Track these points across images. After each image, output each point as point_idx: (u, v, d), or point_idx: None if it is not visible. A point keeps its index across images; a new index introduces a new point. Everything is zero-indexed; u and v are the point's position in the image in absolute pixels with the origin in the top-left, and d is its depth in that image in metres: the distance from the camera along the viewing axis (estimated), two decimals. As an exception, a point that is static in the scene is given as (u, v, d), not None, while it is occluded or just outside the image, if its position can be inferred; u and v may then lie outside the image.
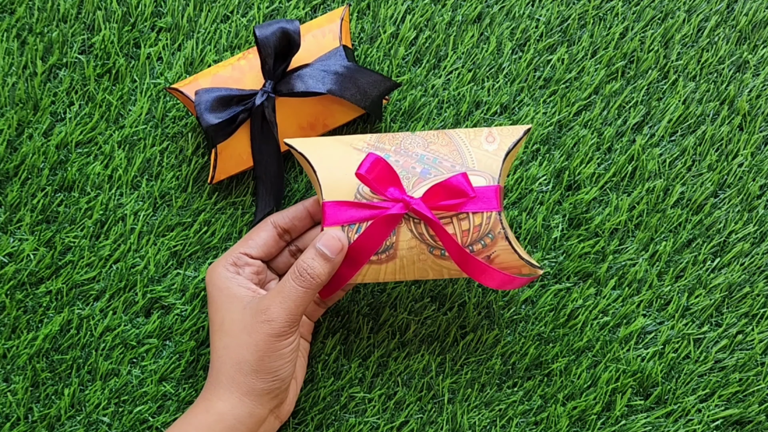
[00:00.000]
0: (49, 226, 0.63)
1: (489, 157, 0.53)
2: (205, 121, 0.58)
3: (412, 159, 0.53)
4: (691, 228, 0.63)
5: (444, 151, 0.54)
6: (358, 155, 0.54)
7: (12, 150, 0.64)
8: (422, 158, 0.53)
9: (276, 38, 0.57)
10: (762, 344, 0.62)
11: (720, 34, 0.65)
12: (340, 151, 0.54)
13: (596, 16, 0.65)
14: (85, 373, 0.62)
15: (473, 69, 0.65)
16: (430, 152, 0.54)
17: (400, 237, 0.53)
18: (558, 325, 0.63)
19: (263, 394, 0.54)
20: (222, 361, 0.55)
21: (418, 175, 0.53)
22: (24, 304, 0.63)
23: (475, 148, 0.54)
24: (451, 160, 0.53)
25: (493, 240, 0.53)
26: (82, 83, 0.64)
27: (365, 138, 0.55)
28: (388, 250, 0.53)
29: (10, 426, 0.62)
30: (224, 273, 0.56)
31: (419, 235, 0.53)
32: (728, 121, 0.64)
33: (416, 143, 0.54)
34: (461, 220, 0.53)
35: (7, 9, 0.65)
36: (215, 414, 0.54)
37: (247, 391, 0.54)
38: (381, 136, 0.55)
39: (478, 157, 0.53)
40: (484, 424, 0.62)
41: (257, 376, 0.53)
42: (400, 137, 0.55)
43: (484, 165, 0.53)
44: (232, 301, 0.55)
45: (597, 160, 0.64)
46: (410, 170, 0.53)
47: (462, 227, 0.53)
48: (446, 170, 0.53)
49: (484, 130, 0.55)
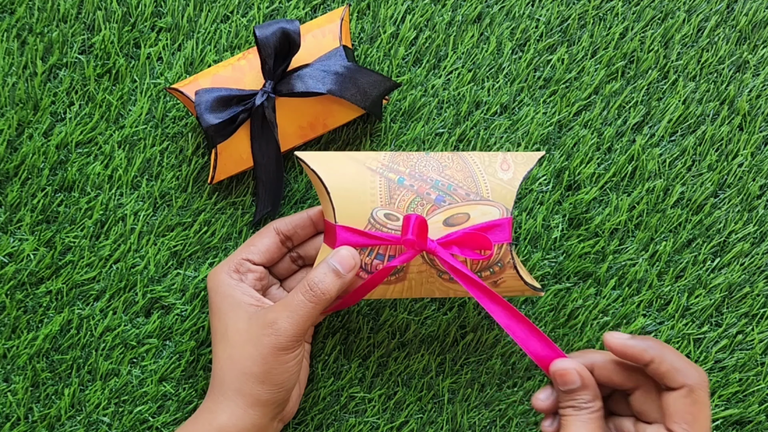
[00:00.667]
0: (49, 226, 0.63)
1: (503, 187, 0.53)
2: (205, 121, 0.58)
3: (427, 184, 0.53)
4: (691, 228, 0.63)
5: (459, 177, 0.53)
6: (371, 176, 0.53)
7: (12, 150, 0.64)
8: (437, 184, 0.53)
9: (276, 38, 0.57)
10: (762, 344, 0.62)
11: (720, 34, 0.65)
12: (354, 170, 0.53)
13: (596, 16, 0.65)
14: (85, 373, 0.62)
15: (473, 69, 0.65)
16: (445, 177, 0.53)
17: (411, 262, 0.53)
18: (558, 325, 0.63)
19: (268, 405, 0.54)
20: (225, 372, 0.54)
21: (432, 202, 0.53)
22: (24, 304, 0.63)
23: (490, 176, 0.54)
24: (465, 188, 0.53)
25: (501, 268, 0.54)
26: (82, 83, 0.64)
27: (379, 157, 0.54)
28: (398, 272, 0.54)
29: (11, 426, 0.62)
30: (227, 280, 0.56)
31: (430, 261, 0.53)
32: (728, 121, 0.64)
33: (431, 167, 0.54)
34: None
35: (7, 9, 0.65)
36: (217, 427, 0.54)
37: (253, 402, 0.53)
38: (395, 155, 0.54)
39: (493, 186, 0.53)
40: (484, 424, 0.62)
41: (263, 388, 0.53)
42: (415, 158, 0.54)
43: (498, 195, 0.53)
44: (236, 311, 0.55)
45: (597, 160, 0.64)
46: (425, 196, 0.53)
47: None
48: (461, 198, 0.53)
49: (499, 156, 0.54)
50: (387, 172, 0.53)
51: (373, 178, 0.53)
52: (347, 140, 0.64)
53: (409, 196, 0.53)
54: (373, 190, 0.53)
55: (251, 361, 0.53)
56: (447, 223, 0.53)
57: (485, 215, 0.53)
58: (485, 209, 0.53)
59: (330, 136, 0.64)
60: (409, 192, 0.53)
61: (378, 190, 0.53)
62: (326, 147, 0.64)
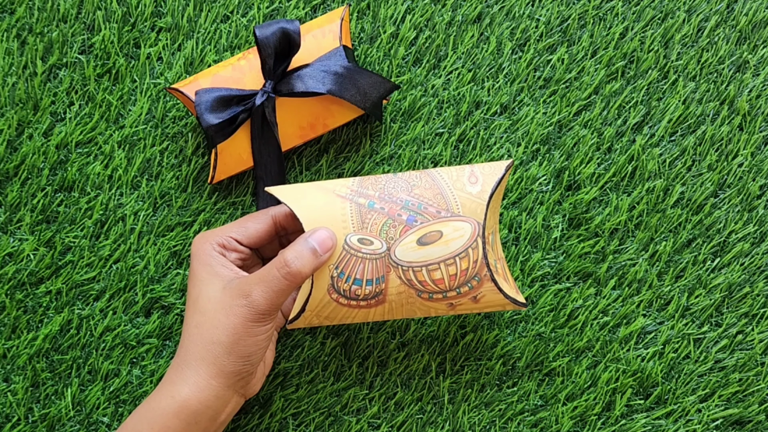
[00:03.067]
0: (49, 226, 0.63)
1: (473, 201, 0.54)
2: (205, 121, 0.58)
3: (397, 205, 0.54)
4: (691, 228, 0.63)
5: (428, 195, 0.54)
6: (342, 203, 0.54)
7: (12, 150, 0.64)
8: (407, 204, 0.54)
9: (276, 38, 0.57)
10: (762, 344, 0.62)
11: (720, 34, 0.65)
12: (323, 200, 0.54)
13: (596, 16, 0.65)
14: (85, 373, 0.62)
15: (473, 69, 0.65)
16: (414, 197, 0.54)
17: (389, 284, 0.54)
18: (558, 325, 0.63)
19: (232, 377, 0.53)
20: (192, 340, 0.54)
21: (404, 223, 0.53)
22: (24, 304, 0.63)
23: (459, 191, 0.54)
24: (436, 206, 0.54)
25: (479, 282, 0.54)
26: (82, 83, 0.64)
27: (347, 183, 0.55)
28: (377, 296, 0.54)
29: (11, 426, 0.62)
30: (210, 251, 0.55)
31: (407, 281, 0.54)
32: (728, 121, 0.64)
33: (400, 187, 0.54)
34: (448, 265, 0.53)
35: (7, 9, 0.65)
36: (180, 400, 0.53)
37: (216, 373, 0.53)
38: (363, 180, 0.55)
39: (462, 201, 0.54)
40: (484, 424, 0.62)
41: (229, 358, 0.53)
42: (383, 180, 0.55)
43: (468, 210, 0.54)
44: (212, 279, 0.54)
45: (597, 160, 0.64)
46: (396, 218, 0.53)
47: (449, 272, 0.54)
48: (432, 216, 0.53)
49: (466, 169, 0.55)
50: (357, 198, 0.54)
51: (343, 205, 0.54)
52: (347, 140, 0.64)
53: (380, 219, 0.53)
54: (344, 216, 0.53)
55: (220, 330, 0.53)
56: (420, 242, 0.53)
57: (457, 231, 0.53)
58: (457, 225, 0.53)
59: (330, 136, 0.64)
60: (380, 215, 0.53)
61: (349, 216, 0.53)
62: (326, 147, 0.64)
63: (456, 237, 0.53)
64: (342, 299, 0.54)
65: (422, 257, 0.53)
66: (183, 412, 0.53)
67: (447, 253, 0.53)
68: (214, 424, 0.55)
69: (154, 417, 0.53)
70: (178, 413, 0.53)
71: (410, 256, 0.53)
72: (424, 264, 0.53)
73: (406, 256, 0.53)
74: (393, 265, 0.53)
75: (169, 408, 0.53)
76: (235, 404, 0.56)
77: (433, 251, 0.53)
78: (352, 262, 0.53)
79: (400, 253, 0.53)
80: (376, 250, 0.53)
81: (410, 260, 0.53)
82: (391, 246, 0.53)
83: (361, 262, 0.53)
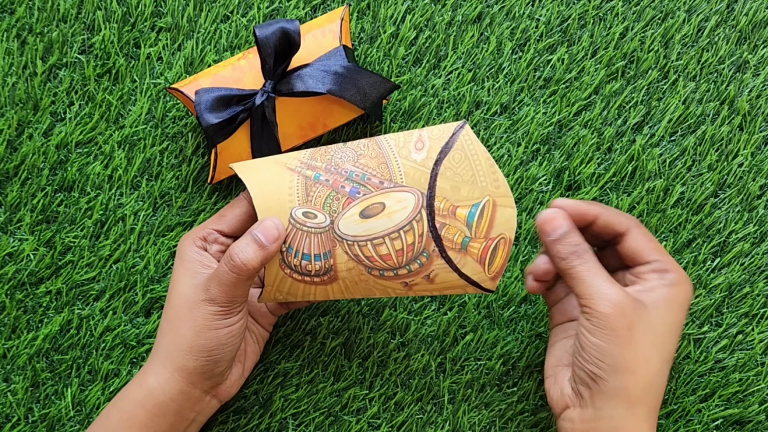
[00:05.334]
0: (49, 226, 0.63)
1: (417, 170, 0.51)
2: (205, 120, 0.58)
3: (342, 177, 0.52)
4: (691, 228, 0.63)
5: (372, 165, 0.51)
6: (290, 176, 0.52)
7: (12, 150, 0.64)
8: (351, 175, 0.52)
9: (276, 38, 0.57)
10: (762, 344, 0.62)
11: (720, 34, 0.65)
12: (274, 172, 0.52)
13: (596, 16, 0.65)
14: (85, 373, 0.62)
15: (473, 69, 0.65)
16: (359, 167, 0.52)
17: (336, 259, 0.52)
18: (558, 325, 0.63)
19: (194, 373, 0.53)
20: (162, 333, 0.54)
21: (347, 195, 0.51)
22: (24, 304, 0.63)
23: (404, 159, 0.51)
24: (379, 176, 0.51)
25: (428, 259, 0.52)
26: (82, 83, 0.64)
27: (299, 156, 0.53)
28: (328, 272, 0.53)
29: (11, 426, 0.62)
30: (190, 247, 0.55)
31: (354, 256, 0.52)
32: (728, 121, 0.64)
33: (347, 157, 0.52)
34: (393, 240, 0.51)
35: (7, 9, 0.65)
36: (146, 389, 0.53)
37: (179, 367, 0.53)
38: (315, 151, 0.53)
39: (406, 170, 0.51)
40: (484, 424, 0.62)
41: (190, 352, 0.53)
42: (332, 151, 0.53)
43: (412, 179, 0.51)
44: (186, 275, 0.54)
45: (597, 160, 0.64)
46: (339, 190, 0.51)
47: (395, 247, 0.52)
48: (374, 187, 0.51)
49: (414, 134, 0.52)
50: (305, 170, 0.52)
51: (291, 178, 0.52)
52: (347, 140, 0.64)
53: (324, 191, 0.52)
54: (291, 190, 0.52)
55: (184, 323, 0.53)
56: (363, 215, 0.51)
57: (399, 203, 0.51)
58: (399, 196, 0.51)
59: (330, 136, 0.64)
60: (325, 187, 0.52)
61: (296, 189, 0.52)
62: (326, 147, 0.64)
63: (399, 209, 0.51)
64: (295, 275, 0.53)
65: (366, 231, 0.51)
66: (149, 401, 0.53)
67: (390, 226, 0.51)
68: (181, 420, 0.55)
69: (123, 404, 0.54)
70: (144, 402, 0.53)
71: (354, 230, 0.51)
72: (368, 238, 0.51)
73: (350, 229, 0.51)
74: (338, 240, 0.52)
75: (137, 396, 0.54)
76: (205, 405, 0.56)
77: (376, 224, 0.51)
78: (298, 237, 0.52)
79: (343, 226, 0.51)
80: (320, 224, 0.52)
81: (354, 234, 0.51)
82: (335, 219, 0.51)
83: (307, 236, 0.52)
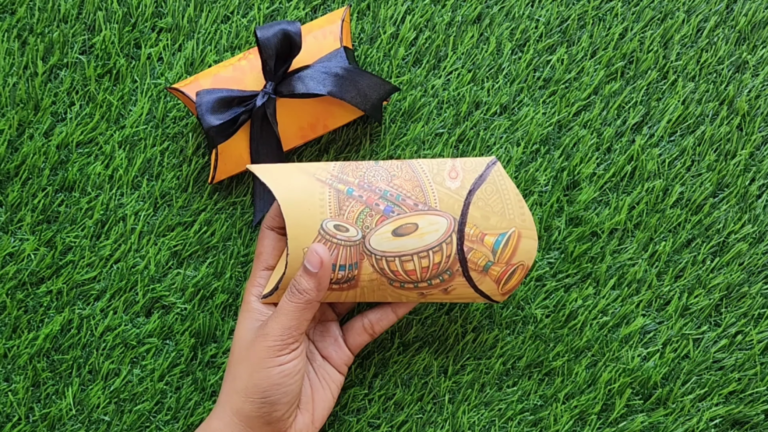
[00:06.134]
0: (50, 226, 0.63)
1: (451, 197, 0.54)
2: (206, 122, 0.59)
3: (376, 195, 0.54)
4: (690, 228, 0.64)
5: (407, 187, 0.54)
6: (321, 187, 0.54)
7: (13, 150, 0.64)
8: (386, 194, 0.54)
9: (277, 40, 0.57)
10: (761, 344, 0.63)
11: (719, 35, 0.65)
12: (303, 182, 0.54)
13: (596, 16, 0.65)
14: (86, 372, 0.62)
15: (473, 69, 0.65)
16: (394, 187, 0.54)
17: (362, 270, 0.54)
18: (558, 325, 0.63)
19: (252, 417, 0.53)
20: (225, 379, 0.55)
21: (381, 212, 0.53)
22: (25, 304, 0.63)
23: (438, 185, 0.54)
24: (414, 198, 0.54)
25: (451, 276, 0.55)
26: (82, 83, 0.64)
27: (329, 168, 0.54)
28: (350, 281, 0.54)
29: (12, 426, 0.62)
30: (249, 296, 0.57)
31: (380, 269, 0.54)
32: (727, 121, 0.64)
33: (380, 176, 0.54)
34: (422, 258, 0.54)
35: (7, 9, 0.65)
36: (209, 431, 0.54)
37: (237, 410, 0.53)
38: (344, 165, 0.55)
39: (441, 195, 0.54)
40: (484, 423, 0.62)
41: (246, 394, 0.53)
42: (364, 168, 0.54)
43: (446, 205, 0.54)
44: (249, 319, 0.56)
45: (596, 160, 0.64)
46: (373, 207, 0.53)
47: (422, 264, 0.54)
48: (409, 209, 0.54)
49: (448, 163, 0.55)
50: (336, 183, 0.54)
51: (322, 190, 0.54)
52: (347, 140, 0.64)
53: (358, 207, 0.53)
54: (322, 201, 0.53)
55: (242, 365, 0.54)
56: (396, 233, 0.53)
57: (432, 225, 0.54)
58: (432, 219, 0.54)
59: (330, 136, 0.64)
60: (358, 203, 0.53)
61: (327, 202, 0.53)
62: (326, 147, 0.64)
63: (431, 231, 0.54)
64: None
65: (396, 248, 0.54)
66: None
67: (421, 245, 0.54)
68: None
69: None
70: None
71: (384, 246, 0.53)
72: (397, 254, 0.54)
73: (381, 245, 0.53)
74: (367, 253, 0.54)
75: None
76: None
77: (407, 243, 0.54)
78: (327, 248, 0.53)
79: (374, 242, 0.53)
80: (351, 237, 0.53)
81: (384, 250, 0.54)
82: (367, 234, 0.53)
83: (336, 247, 0.53)
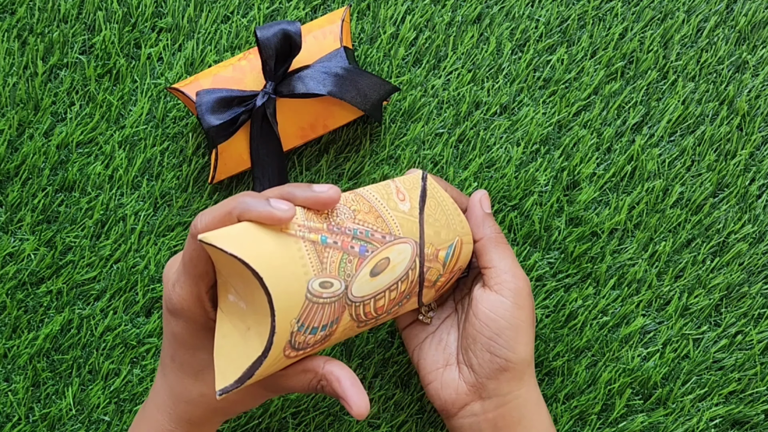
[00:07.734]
0: (50, 226, 0.63)
1: (408, 220, 0.51)
2: (206, 122, 0.59)
3: (348, 236, 0.47)
4: (690, 228, 0.64)
5: (371, 220, 0.49)
6: (295, 243, 0.45)
7: (13, 150, 0.64)
8: (356, 233, 0.48)
9: (277, 40, 0.57)
10: (761, 344, 0.63)
11: (719, 35, 0.65)
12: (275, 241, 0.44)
13: (596, 16, 0.65)
14: (86, 372, 0.63)
15: (473, 69, 0.65)
16: (360, 224, 0.48)
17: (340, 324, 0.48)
18: (558, 325, 0.63)
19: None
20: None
21: (357, 255, 0.47)
22: (25, 304, 0.63)
23: (393, 210, 0.50)
24: (381, 231, 0.49)
25: (409, 300, 0.52)
26: (82, 83, 0.64)
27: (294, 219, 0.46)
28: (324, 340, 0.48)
29: (11, 426, 0.62)
30: None
31: (356, 316, 0.49)
32: (727, 121, 0.64)
33: (344, 215, 0.48)
34: (391, 291, 0.50)
35: (7, 9, 0.65)
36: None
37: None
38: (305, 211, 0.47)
39: (400, 221, 0.50)
40: (484, 423, 0.62)
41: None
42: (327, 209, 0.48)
43: (406, 230, 0.50)
44: None
45: (596, 160, 0.64)
46: (350, 251, 0.47)
47: (390, 297, 0.50)
48: (379, 243, 0.48)
49: (391, 185, 0.52)
50: (308, 234, 0.46)
51: (298, 246, 0.45)
52: (347, 141, 0.64)
53: (336, 255, 0.46)
54: (303, 260, 0.45)
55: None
56: (373, 273, 0.48)
57: (401, 254, 0.49)
58: (400, 248, 0.49)
59: (330, 136, 0.64)
60: (335, 251, 0.46)
61: (308, 258, 0.45)
62: (326, 147, 0.64)
63: (400, 261, 0.49)
64: (292, 353, 0.46)
65: (373, 288, 0.48)
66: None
67: (392, 279, 0.49)
68: None
69: None
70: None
71: (364, 290, 0.48)
72: (372, 295, 0.48)
73: (361, 290, 0.47)
74: (347, 304, 0.47)
75: None
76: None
77: (382, 280, 0.49)
78: (313, 312, 0.45)
79: (356, 289, 0.47)
80: (335, 292, 0.46)
81: (363, 294, 0.48)
82: (349, 283, 0.47)
83: (321, 308, 0.45)
